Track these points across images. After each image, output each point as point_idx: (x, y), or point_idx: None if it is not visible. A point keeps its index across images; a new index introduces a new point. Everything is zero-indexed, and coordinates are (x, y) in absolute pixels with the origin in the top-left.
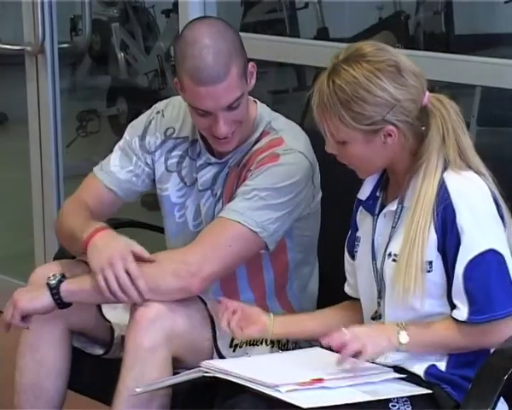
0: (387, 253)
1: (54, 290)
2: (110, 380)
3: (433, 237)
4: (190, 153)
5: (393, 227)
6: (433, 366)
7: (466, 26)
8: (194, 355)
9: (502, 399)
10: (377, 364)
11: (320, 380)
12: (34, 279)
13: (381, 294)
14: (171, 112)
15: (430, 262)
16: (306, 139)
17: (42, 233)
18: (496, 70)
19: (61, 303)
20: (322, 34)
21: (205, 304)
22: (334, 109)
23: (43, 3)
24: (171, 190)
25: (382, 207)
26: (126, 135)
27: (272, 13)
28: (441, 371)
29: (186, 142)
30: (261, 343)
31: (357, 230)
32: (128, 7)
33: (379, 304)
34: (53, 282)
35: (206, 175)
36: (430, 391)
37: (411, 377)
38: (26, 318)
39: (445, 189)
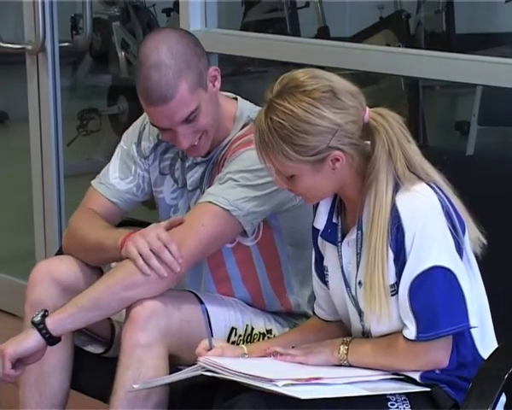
0: (357, 281)
1: (40, 326)
2: (111, 379)
3: (391, 260)
4: (181, 154)
5: (358, 254)
6: (428, 370)
7: (467, 26)
8: (191, 352)
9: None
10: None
11: (317, 378)
12: (35, 276)
13: (362, 317)
14: None
15: (393, 285)
16: None
17: (42, 232)
18: (497, 69)
19: (49, 338)
20: (323, 33)
21: (200, 301)
22: (276, 147)
23: (43, 2)
24: (165, 192)
25: (344, 234)
26: (123, 144)
27: (273, 12)
28: (437, 374)
29: None
30: (258, 340)
31: (322, 258)
32: (129, 6)
33: (363, 326)
34: (37, 319)
35: (194, 175)
36: (428, 389)
37: (408, 380)
38: (18, 365)
39: (396, 210)
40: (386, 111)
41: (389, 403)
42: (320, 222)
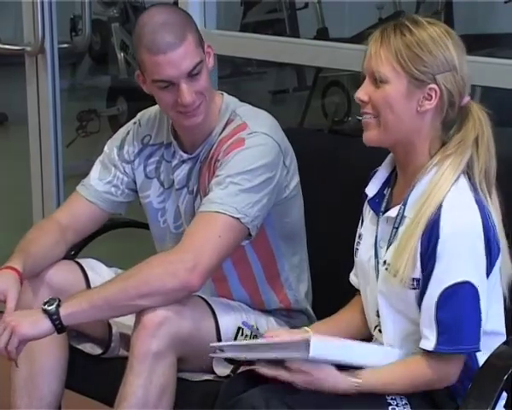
0: (383, 260)
1: (54, 316)
2: (109, 379)
3: (418, 253)
4: (166, 156)
5: (393, 233)
6: None
7: (466, 26)
8: (198, 357)
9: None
10: None
11: None
12: None
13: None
14: (147, 120)
15: (418, 280)
16: (272, 122)
17: None
18: (496, 70)
19: (60, 328)
20: (322, 34)
21: (208, 304)
22: (394, 45)
23: (43, 3)
24: (152, 196)
25: (387, 208)
26: (106, 148)
27: (272, 13)
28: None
29: (161, 147)
30: None
31: (362, 224)
32: (128, 7)
33: (378, 304)
34: (51, 308)
35: (180, 173)
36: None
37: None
38: (20, 345)
39: (440, 209)
40: (484, 110)
41: (390, 408)
42: (372, 189)
